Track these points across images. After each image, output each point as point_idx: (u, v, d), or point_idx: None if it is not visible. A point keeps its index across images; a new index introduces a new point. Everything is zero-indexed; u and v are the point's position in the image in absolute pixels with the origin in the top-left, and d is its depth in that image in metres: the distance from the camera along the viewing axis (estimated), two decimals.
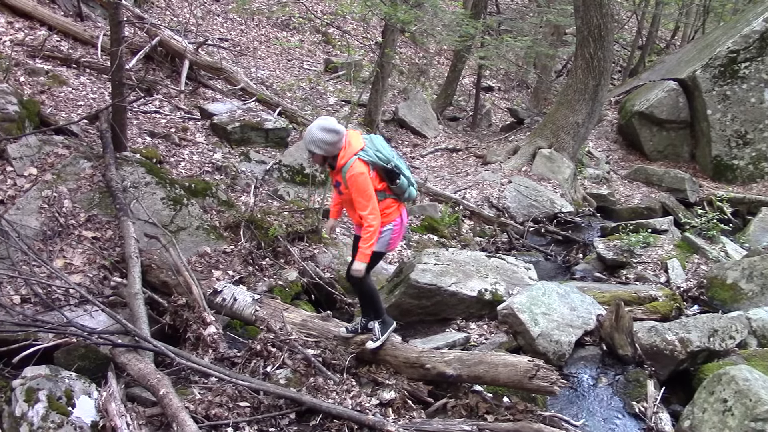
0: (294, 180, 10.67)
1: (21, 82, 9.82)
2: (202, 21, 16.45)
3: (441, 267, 7.55)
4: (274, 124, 12.01)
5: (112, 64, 8.19)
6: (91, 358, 5.65)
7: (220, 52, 15.20)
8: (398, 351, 5.89)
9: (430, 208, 11.43)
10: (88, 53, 11.85)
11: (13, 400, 4.63)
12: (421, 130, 16.90)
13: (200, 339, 6.20)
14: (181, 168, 9.79)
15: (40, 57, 10.97)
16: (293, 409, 5.22)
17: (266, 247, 8.28)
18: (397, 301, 7.29)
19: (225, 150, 11.06)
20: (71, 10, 13.03)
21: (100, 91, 10.87)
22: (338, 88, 16.54)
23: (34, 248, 6.76)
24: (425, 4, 12.99)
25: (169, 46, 12.67)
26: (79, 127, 9.22)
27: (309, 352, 5.95)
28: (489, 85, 21.94)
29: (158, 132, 10.56)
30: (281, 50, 17.71)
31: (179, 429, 4.49)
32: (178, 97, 12.29)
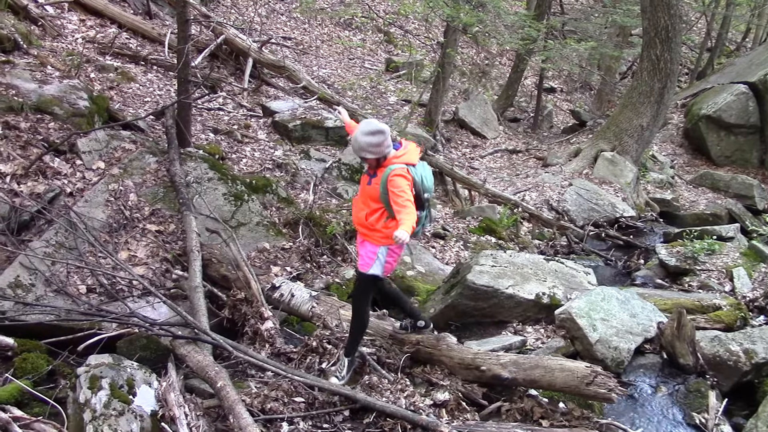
0: (353, 178, 10.72)
1: (91, 78, 10.12)
2: (266, 20, 16.66)
3: (498, 269, 7.49)
4: (335, 123, 12.09)
5: (178, 61, 8.36)
6: (152, 349, 5.78)
7: (283, 51, 15.38)
8: (453, 352, 5.86)
9: (489, 209, 11.35)
10: (156, 51, 12.13)
11: (78, 387, 4.77)
12: (481, 130, 16.80)
13: (258, 333, 6.28)
14: (243, 164, 9.94)
15: (110, 54, 11.28)
16: (347, 406, 5.25)
17: (324, 244, 8.35)
18: (453, 302, 7.26)
19: (286, 147, 11.19)
20: (140, 9, 13.37)
21: (166, 87, 11.11)
22: (399, 88, 16.55)
23: (100, 240, 6.95)
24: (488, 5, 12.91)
25: (234, 44, 12.87)
26: (146, 122, 9.45)
27: (364, 350, 5.97)
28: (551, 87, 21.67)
29: (221, 129, 10.74)
30: (343, 49, 17.82)
31: (235, 421, 4.56)
32: (242, 94, 12.48)
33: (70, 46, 10.82)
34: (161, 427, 4.70)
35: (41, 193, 7.22)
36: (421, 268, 8.67)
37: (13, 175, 7.19)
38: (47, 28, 10.89)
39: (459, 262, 8.69)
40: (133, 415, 4.70)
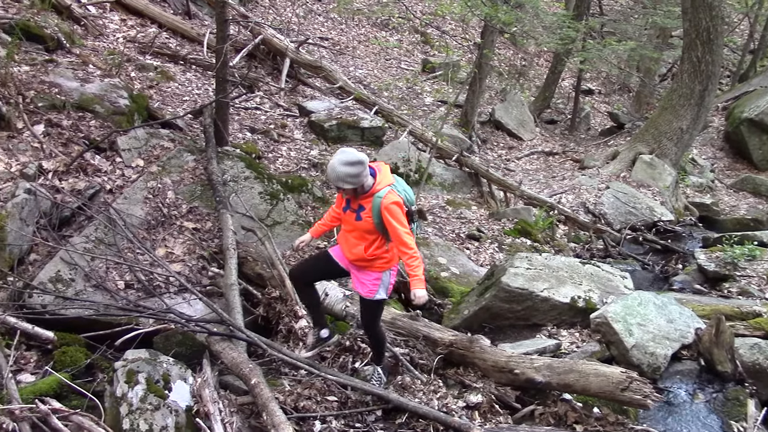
0: None
1: (131, 77, 10.27)
2: (303, 20, 16.76)
3: (533, 272, 7.43)
4: (370, 123, 12.12)
5: (216, 61, 8.44)
6: (187, 345, 5.84)
7: (320, 51, 15.45)
8: (486, 354, 5.83)
9: (524, 211, 11.28)
10: (195, 50, 12.27)
11: (115, 381, 4.85)
12: (518, 132, 16.70)
13: (291, 332, 6.31)
14: (279, 164, 10.01)
15: (150, 53, 11.44)
16: (380, 406, 5.25)
17: None
18: (487, 304, 7.22)
19: (321, 147, 11.24)
20: (180, 9, 13.54)
21: (204, 87, 11.23)
22: (435, 89, 16.53)
23: (138, 236, 7.05)
24: (526, 5, 12.83)
25: (272, 45, 12.96)
26: (184, 121, 9.56)
27: (397, 350, 5.97)
28: (589, 88, 21.46)
29: (258, 128, 10.83)
30: (379, 50, 17.85)
31: (269, 419, 4.59)
32: (278, 94, 12.57)
33: (112, 45, 11.00)
34: (196, 422, 4.75)
35: (82, 190, 7.35)
36: (456, 270, 8.64)
37: (55, 171, 7.32)
38: (89, 27, 11.08)
39: (493, 264, 8.65)
40: (168, 409, 4.77)
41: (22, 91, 8.00)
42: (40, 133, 7.68)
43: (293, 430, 4.50)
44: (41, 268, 6.37)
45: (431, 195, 11.32)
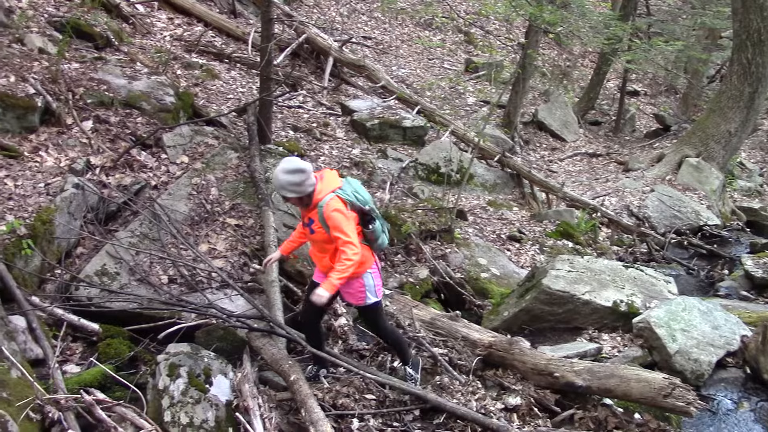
0: (429, 179, 10.73)
1: (178, 74, 10.42)
2: (347, 19, 16.82)
3: (575, 274, 7.35)
4: (413, 123, 12.11)
5: (261, 59, 8.52)
6: (228, 340, 5.91)
7: (363, 50, 15.49)
8: (526, 357, 5.79)
9: (567, 213, 11.17)
10: (240, 49, 12.40)
11: (157, 374, 4.93)
12: (561, 133, 16.53)
13: (331, 329, 6.35)
14: (321, 162, 10.06)
15: (196, 51, 11.60)
16: (418, 405, 5.24)
17: (399, 243, 8.36)
18: (527, 306, 7.16)
19: (363, 146, 11.27)
20: (226, 8, 13.70)
21: (248, 85, 11.34)
22: (478, 89, 16.45)
23: (182, 232, 7.15)
24: (572, 4, 12.69)
25: (315, 43, 13.03)
26: (228, 119, 9.67)
27: (436, 350, 5.96)
28: (634, 89, 21.15)
29: (301, 126, 10.90)
30: (423, 49, 17.81)
31: (307, 415, 4.61)
32: (321, 93, 12.63)
33: (159, 43, 11.17)
34: (235, 416, 4.80)
35: (128, 185, 7.48)
36: (496, 271, 8.59)
37: (102, 167, 7.47)
38: (137, 25, 11.27)
39: (534, 265, 8.57)
40: (208, 403, 4.83)
41: (71, 87, 8.17)
42: (89, 129, 7.84)
43: (331, 428, 4.52)
44: (88, 261, 6.51)
45: (472, 195, 11.27)
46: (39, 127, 7.61)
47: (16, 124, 7.40)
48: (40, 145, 7.43)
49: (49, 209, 6.43)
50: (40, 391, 4.56)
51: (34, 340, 5.31)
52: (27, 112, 7.46)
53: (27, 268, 6.00)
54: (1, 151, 7.02)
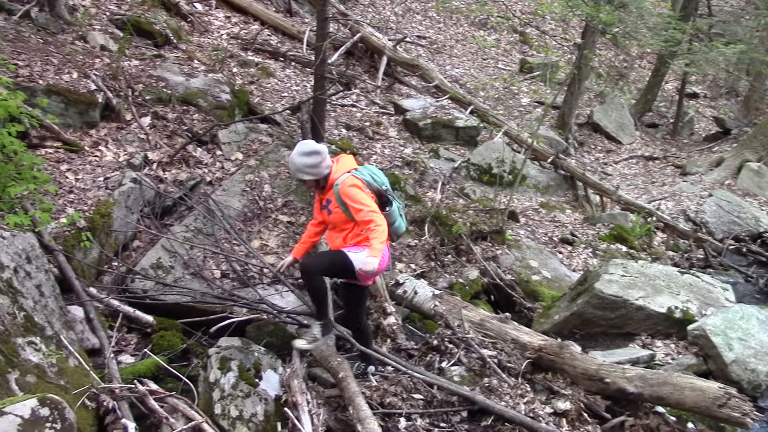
0: (481, 179, 10.67)
1: (234, 72, 10.57)
2: (402, 18, 16.83)
3: (628, 279, 7.22)
4: (465, 123, 12.06)
5: (316, 58, 8.58)
6: (278, 335, 5.97)
7: (417, 50, 15.48)
8: (577, 361, 5.71)
9: (621, 217, 10.98)
10: (294, 47, 12.52)
11: (209, 367, 5.01)
12: (616, 135, 16.26)
13: (380, 328, 6.36)
14: (373, 161, 10.09)
15: (252, 50, 11.75)
16: (465, 407, 5.22)
17: (449, 243, 8.34)
18: (578, 310, 7.07)
19: (415, 146, 11.27)
20: (282, 6, 13.85)
21: (302, 83, 11.44)
22: (532, 89, 16.29)
23: (235, 228, 7.26)
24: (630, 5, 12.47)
25: (369, 43, 13.08)
26: (282, 117, 9.77)
27: (485, 352, 5.92)
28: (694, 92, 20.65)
29: (353, 125, 10.95)
30: (477, 49, 17.72)
31: (355, 413, 4.63)
32: (375, 92, 12.67)
33: (216, 41, 11.35)
34: (284, 411, 4.85)
35: (183, 181, 7.62)
36: (547, 274, 8.50)
37: (159, 162, 7.62)
38: (195, 24, 11.47)
39: (587, 269, 8.46)
40: (258, 397, 4.89)
41: (131, 84, 8.36)
42: (147, 125, 8.01)
43: (378, 426, 4.53)
44: (143, 254, 6.64)
45: (525, 197, 11.17)
46: (99, 123, 7.80)
47: (78, 120, 7.60)
48: (100, 140, 7.62)
49: (107, 203, 6.59)
50: (96, 380, 4.68)
51: (92, 330, 5.44)
52: (88, 108, 7.65)
53: (85, 259, 6.16)
54: (64, 145, 7.22)
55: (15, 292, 4.72)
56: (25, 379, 4.37)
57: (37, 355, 4.59)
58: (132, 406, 4.67)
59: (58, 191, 6.50)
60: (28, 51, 7.90)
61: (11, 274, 4.77)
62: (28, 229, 5.24)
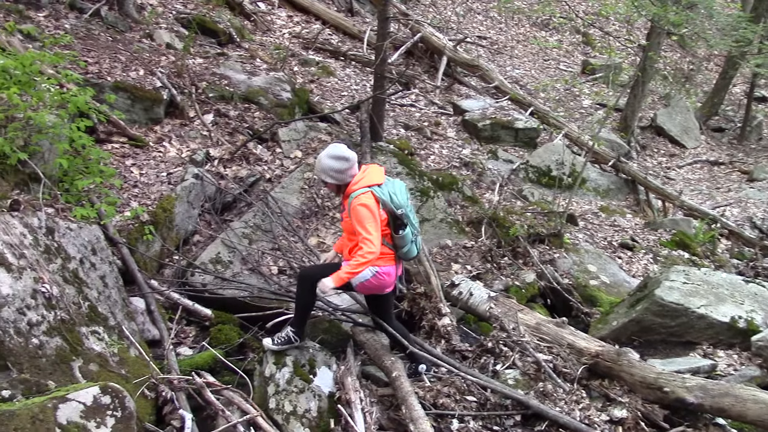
0: (540, 181, 10.55)
1: (294, 71, 10.69)
2: (462, 18, 16.75)
3: (690, 286, 7.05)
4: (525, 124, 11.94)
5: (376, 57, 8.62)
6: (333, 333, 6.01)
7: (477, 50, 15.39)
8: (634, 369, 5.60)
9: (683, 222, 10.73)
10: (355, 47, 12.59)
11: (264, 362, 5.08)
12: (681, 139, 15.88)
13: (434, 329, 6.33)
14: (431, 161, 10.08)
15: (313, 49, 11.86)
16: (519, 411, 5.16)
17: (506, 246, 8.28)
18: (637, 317, 6.93)
19: (474, 146, 11.21)
20: (343, 6, 13.95)
21: (362, 83, 11.50)
22: (594, 91, 16.03)
23: (293, 225, 7.33)
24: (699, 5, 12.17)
25: (429, 43, 13.07)
26: (341, 115, 9.84)
27: (540, 356, 5.85)
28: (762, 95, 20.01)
29: (412, 125, 10.95)
30: (538, 50, 17.53)
31: (408, 412, 4.63)
32: (434, 92, 12.65)
33: (278, 40, 11.50)
34: (337, 408, 4.88)
35: (243, 177, 7.74)
36: (606, 279, 8.36)
37: (220, 158, 7.76)
38: (258, 23, 11.64)
39: (647, 275, 8.30)
40: (312, 393, 4.94)
41: (195, 82, 8.53)
42: (209, 122, 8.16)
43: (431, 426, 4.52)
44: (203, 249, 6.77)
45: (584, 200, 11.01)
46: (164, 119, 7.99)
47: (144, 116, 7.79)
48: (164, 136, 7.79)
49: (170, 197, 6.73)
50: (155, 371, 4.79)
51: (152, 322, 5.57)
52: (153, 105, 7.84)
53: (148, 252, 6.31)
54: (129, 140, 7.40)
55: (80, 282, 4.87)
56: (88, 367, 4.50)
57: (100, 344, 4.72)
58: (189, 398, 4.76)
59: (123, 185, 6.67)
60: (98, 48, 8.13)
61: (77, 265, 4.92)
62: (94, 221, 5.40)
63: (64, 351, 4.45)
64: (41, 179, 5.28)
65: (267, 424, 4.59)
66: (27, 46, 6.95)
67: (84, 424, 3.71)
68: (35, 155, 5.46)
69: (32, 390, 3.90)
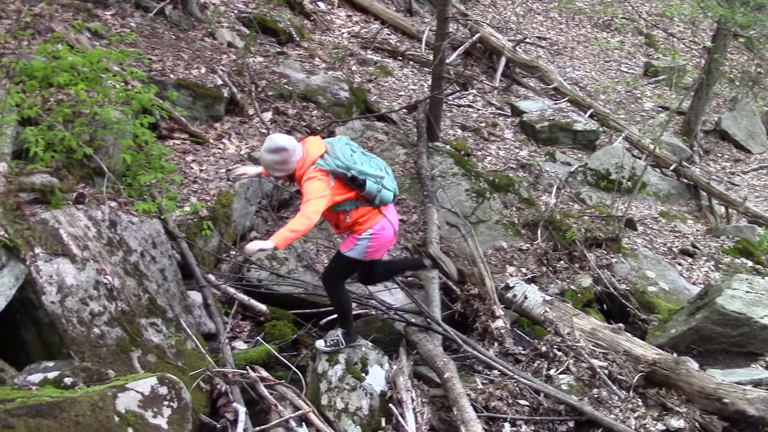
0: (598, 185, 10.39)
1: (353, 70, 10.74)
2: (522, 19, 16.60)
3: (753, 296, 6.84)
4: (584, 126, 11.77)
5: (434, 57, 8.61)
6: (386, 332, 6.02)
7: (536, 51, 15.23)
8: (693, 378, 5.48)
9: (747, 230, 10.44)
10: (413, 47, 12.59)
11: (317, 358, 5.12)
12: (746, 144, 15.44)
13: (487, 331, 6.31)
14: (487, 162, 10.02)
15: (371, 48, 11.91)
16: (572, 417, 5.11)
17: (562, 249, 8.17)
18: (697, 326, 6.76)
19: (531, 148, 11.10)
20: (402, 6, 13.96)
21: (419, 83, 11.49)
22: (656, 94, 15.71)
23: None
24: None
25: (488, 43, 12.99)
26: (398, 115, 9.86)
27: (595, 362, 5.77)
28: None
29: (469, 125, 10.90)
30: (599, 51, 17.24)
31: (459, 414, 4.62)
32: (492, 92, 12.56)
33: (337, 39, 11.57)
34: (388, 407, 4.89)
35: None
36: (665, 285, 8.19)
37: None
38: (318, 22, 11.74)
39: (708, 283, 8.09)
40: (363, 391, 4.96)
41: (255, 80, 8.65)
42: (268, 120, 8.26)
43: (482, 429, 4.50)
44: None
45: (643, 205, 10.79)
46: (224, 116, 8.12)
47: (204, 113, 7.93)
48: (224, 133, 7.91)
49: (228, 194, 6.83)
50: (211, 364, 4.88)
51: (208, 316, 5.67)
52: (214, 102, 7.97)
53: (206, 247, 6.41)
54: (190, 137, 7.54)
55: (141, 275, 4.99)
56: (147, 358, 4.61)
57: (158, 336, 4.83)
58: (243, 391, 4.83)
59: (183, 181, 6.79)
60: (162, 46, 8.30)
61: (138, 258, 5.04)
62: (155, 215, 5.51)
63: (124, 341, 4.57)
64: (105, 173, 5.41)
65: (319, 421, 4.63)
66: (94, 44, 7.13)
67: (141, 413, 3.80)
68: (100, 150, 5.60)
69: (93, 378, 4.00)
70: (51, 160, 5.17)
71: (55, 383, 3.89)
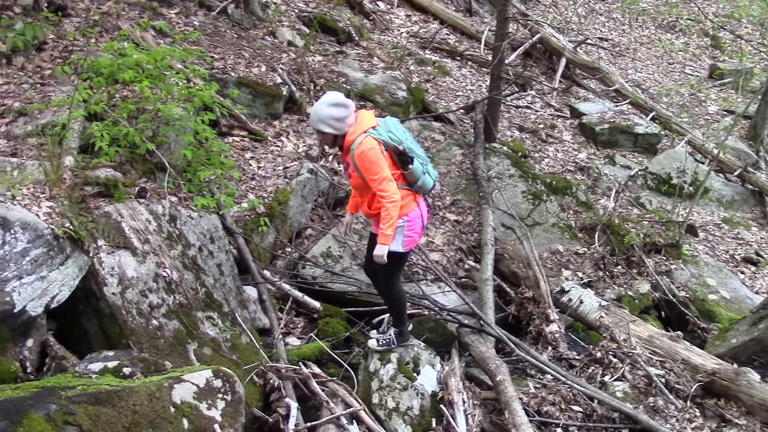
0: (658, 189, 10.17)
1: (411, 70, 10.75)
2: (584, 19, 16.36)
3: None
4: (645, 129, 11.53)
5: (493, 58, 8.56)
6: (438, 332, 6.01)
7: (597, 52, 14.98)
8: (754, 390, 5.33)
9: None
10: (472, 47, 12.53)
11: (369, 357, 5.14)
12: None
13: (541, 335, 6.24)
14: (545, 164, 9.91)
15: (430, 48, 11.89)
16: (627, 425, 5.01)
17: (620, 254, 8.03)
18: (759, 336, 6.56)
19: (590, 151, 10.93)
20: (462, 6, 13.91)
21: (478, 83, 11.43)
22: (721, 97, 15.30)
23: None
24: None
25: (548, 44, 12.83)
26: (455, 115, 9.82)
27: (652, 370, 5.65)
28: None
29: (527, 127, 10.80)
30: (663, 53, 16.88)
31: (510, 418, 4.58)
32: (551, 94, 12.42)
33: (395, 39, 11.58)
34: (439, 408, 4.88)
35: None
36: (726, 294, 7.98)
37: (334, 155, 7.90)
38: (377, 22, 11.77)
39: None
40: (415, 391, 4.96)
41: (313, 78, 8.72)
42: None
43: None
44: (315, 242, 6.91)
45: (705, 210, 10.52)
46: (282, 114, 8.21)
47: (264, 111, 8.03)
48: (282, 131, 8.00)
49: (285, 191, 6.91)
50: (264, 359, 4.95)
51: (263, 311, 5.74)
52: (273, 100, 8.07)
53: (262, 243, 6.50)
54: (249, 134, 7.65)
55: (198, 269, 5.08)
56: (202, 351, 4.70)
57: (214, 329, 4.92)
58: (295, 387, 4.88)
59: (242, 177, 6.90)
60: (223, 45, 8.44)
61: (196, 252, 5.14)
62: (213, 211, 5.62)
63: (181, 334, 4.66)
64: (167, 169, 5.53)
65: (369, 419, 4.64)
66: (159, 42, 7.29)
67: (196, 405, 3.87)
68: (162, 146, 5.73)
69: (150, 369, 4.10)
70: (115, 155, 5.31)
71: (114, 372, 3.99)
